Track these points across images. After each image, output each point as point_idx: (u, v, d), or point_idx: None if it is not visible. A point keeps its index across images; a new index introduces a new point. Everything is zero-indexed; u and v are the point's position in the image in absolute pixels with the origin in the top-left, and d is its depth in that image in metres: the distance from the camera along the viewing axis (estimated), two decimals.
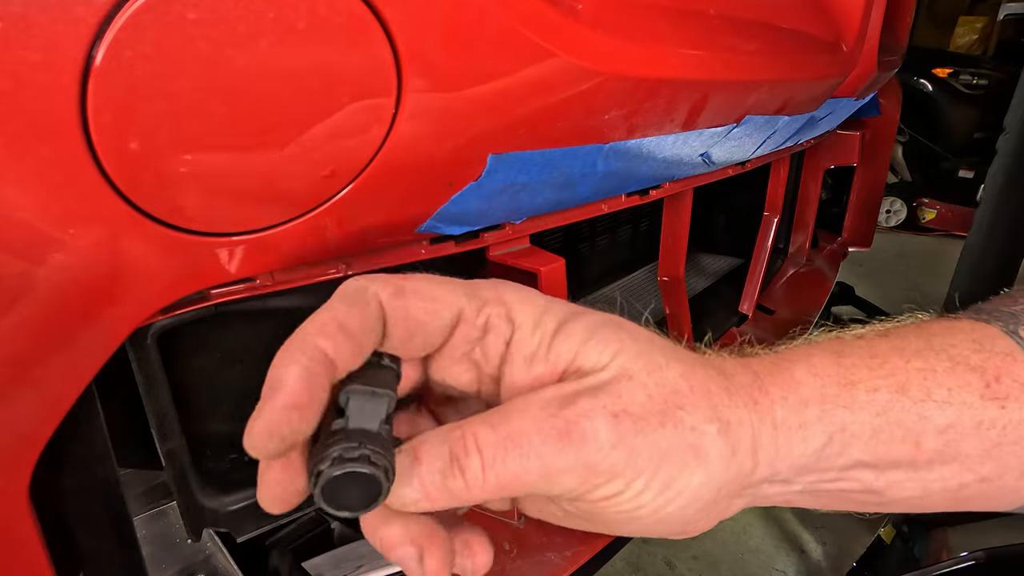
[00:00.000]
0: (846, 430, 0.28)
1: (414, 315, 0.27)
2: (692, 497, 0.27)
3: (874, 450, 0.29)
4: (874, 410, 0.29)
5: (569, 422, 0.25)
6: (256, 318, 0.56)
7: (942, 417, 0.28)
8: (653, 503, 0.26)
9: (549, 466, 0.25)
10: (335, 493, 0.24)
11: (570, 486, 0.26)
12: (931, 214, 3.83)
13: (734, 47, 0.58)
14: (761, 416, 0.28)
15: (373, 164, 0.35)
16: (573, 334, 0.28)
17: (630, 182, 0.64)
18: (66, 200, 0.27)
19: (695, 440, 0.26)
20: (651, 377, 0.27)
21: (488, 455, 0.25)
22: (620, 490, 0.26)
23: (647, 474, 0.26)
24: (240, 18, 0.27)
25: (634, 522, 0.27)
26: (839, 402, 0.29)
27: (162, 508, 0.61)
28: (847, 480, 0.30)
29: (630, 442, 0.25)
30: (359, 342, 0.25)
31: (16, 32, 0.23)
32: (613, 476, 0.25)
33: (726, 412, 0.28)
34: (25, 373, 0.30)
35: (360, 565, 0.61)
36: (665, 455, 0.26)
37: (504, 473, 0.25)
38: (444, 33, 0.33)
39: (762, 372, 0.30)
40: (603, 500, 0.26)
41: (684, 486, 0.26)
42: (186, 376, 0.55)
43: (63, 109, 0.25)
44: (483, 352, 0.29)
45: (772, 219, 1.22)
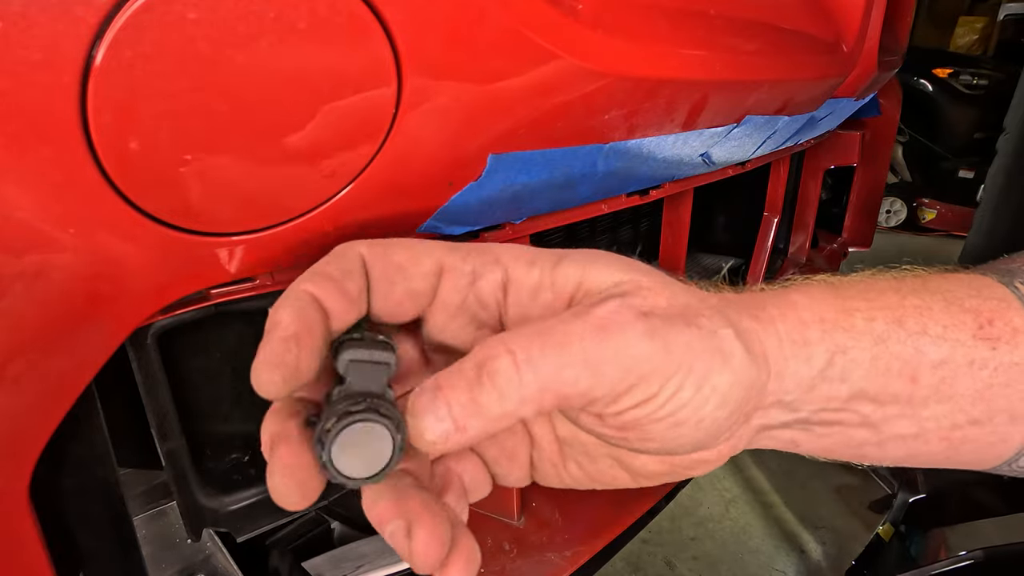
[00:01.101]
0: (846, 353, 0.29)
1: (395, 260, 0.28)
2: (724, 398, 0.27)
3: (874, 379, 0.29)
4: (872, 338, 0.29)
5: (603, 318, 0.25)
6: (256, 318, 0.56)
7: (936, 352, 0.29)
8: (691, 402, 0.26)
9: (591, 356, 0.24)
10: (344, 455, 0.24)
11: (612, 380, 0.24)
12: (931, 214, 3.83)
13: (734, 47, 0.58)
14: (764, 327, 0.29)
15: (373, 164, 0.35)
16: (576, 261, 0.28)
17: (630, 182, 0.64)
18: (66, 200, 0.27)
19: (718, 343, 0.27)
20: (664, 290, 0.27)
21: (522, 353, 0.24)
22: (658, 389, 0.25)
23: (682, 371, 0.25)
24: (240, 18, 0.27)
25: (675, 428, 0.26)
26: (838, 324, 0.29)
27: (162, 508, 0.61)
28: (847, 411, 0.30)
29: (663, 335, 0.25)
30: (341, 286, 0.26)
31: (16, 32, 0.23)
32: (652, 369, 0.25)
33: (735, 320, 0.28)
34: (25, 373, 0.30)
35: (360, 565, 0.61)
36: (696, 354, 0.26)
37: (543, 368, 0.24)
38: (444, 33, 0.33)
39: (760, 296, 0.31)
40: (643, 403, 0.26)
41: (717, 384, 0.26)
42: (186, 376, 0.55)
43: (63, 109, 0.25)
44: (478, 299, 0.29)
45: (772, 219, 1.22)
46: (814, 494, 1.69)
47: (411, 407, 0.24)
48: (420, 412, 0.24)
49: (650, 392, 0.25)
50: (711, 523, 1.61)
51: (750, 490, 1.72)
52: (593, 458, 0.32)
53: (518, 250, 0.29)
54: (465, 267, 0.29)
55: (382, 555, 0.62)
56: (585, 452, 0.32)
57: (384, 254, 0.28)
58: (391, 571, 0.61)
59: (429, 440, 0.24)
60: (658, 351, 0.25)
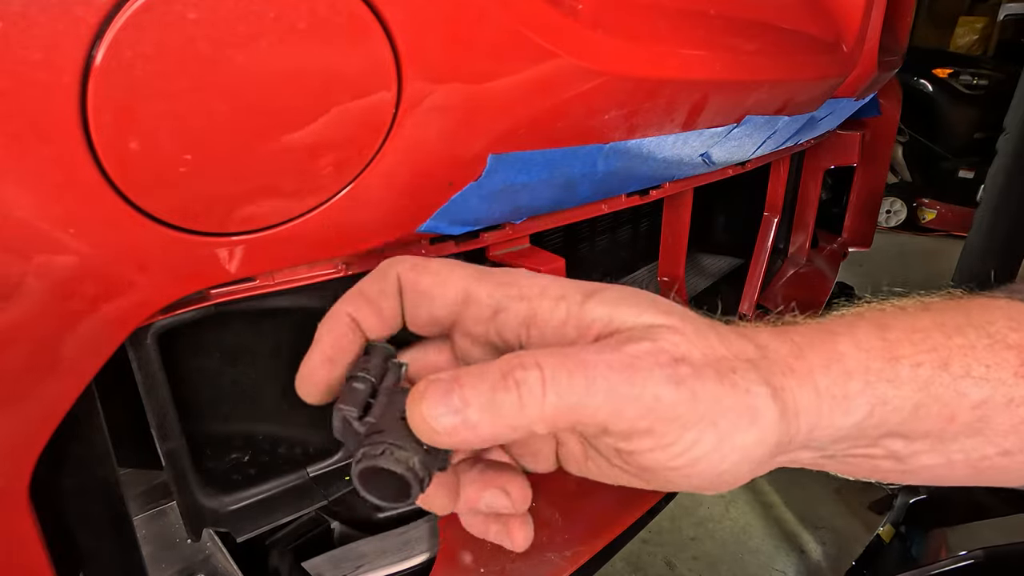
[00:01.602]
0: (888, 404, 0.28)
1: (422, 287, 0.29)
2: (745, 456, 0.26)
3: (911, 423, 0.29)
4: (916, 385, 0.28)
5: (633, 356, 0.25)
6: (256, 318, 0.56)
7: (978, 393, 0.28)
8: (709, 457, 0.26)
9: (616, 393, 0.24)
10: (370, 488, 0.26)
11: (630, 419, 0.24)
12: (931, 214, 3.83)
13: (734, 47, 0.58)
14: (800, 381, 0.28)
15: (373, 164, 0.35)
16: (606, 300, 0.27)
17: (630, 182, 0.64)
18: (66, 200, 0.27)
19: (751, 401, 0.26)
20: (699, 338, 0.27)
21: (549, 372, 0.24)
22: (675, 438, 0.25)
23: (704, 423, 0.25)
24: (240, 18, 0.27)
25: (690, 478, 0.26)
26: (883, 376, 0.28)
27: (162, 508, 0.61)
28: (877, 447, 0.30)
29: (691, 385, 0.25)
30: (377, 306, 0.29)
31: (16, 32, 0.23)
32: (673, 417, 0.25)
33: (771, 377, 0.27)
34: (25, 373, 0.30)
35: (360, 565, 0.61)
36: (724, 410, 0.25)
37: (568, 394, 0.24)
38: (444, 33, 0.33)
39: (802, 342, 0.30)
40: (659, 448, 0.25)
41: (740, 443, 0.26)
42: (186, 376, 0.55)
43: (63, 109, 0.25)
44: (499, 333, 0.29)
45: (772, 219, 1.22)
46: (814, 494, 1.69)
47: (421, 392, 0.24)
48: (431, 400, 0.24)
49: (667, 439, 0.25)
50: (711, 523, 1.61)
51: (750, 490, 1.72)
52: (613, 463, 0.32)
53: (546, 283, 0.29)
54: (488, 301, 0.29)
55: (382, 555, 0.62)
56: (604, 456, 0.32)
57: (415, 278, 0.29)
58: (391, 571, 0.61)
59: (436, 431, 0.24)
60: (683, 400, 0.25)
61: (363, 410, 0.28)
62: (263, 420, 0.62)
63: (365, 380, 0.28)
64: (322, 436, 0.62)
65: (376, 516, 0.66)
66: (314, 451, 0.62)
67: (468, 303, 0.29)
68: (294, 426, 0.63)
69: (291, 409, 0.62)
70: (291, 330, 0.58)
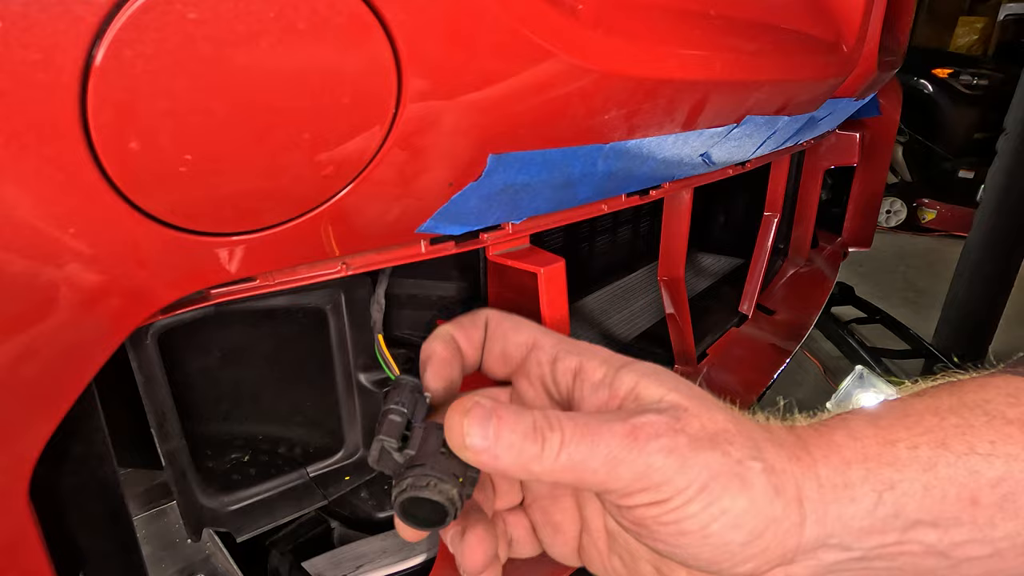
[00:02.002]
0: (895, 488, 0.29)
1: (504, 328, 0.36)
2: (736, 521, 0.28)
3: (930, 508, 0.28)
4: (919, 467, 0.29)
5: (635, 427, 0.29)
6: (256, 318, 0.56)
7: (992, 470, 0.28)
8: (697, 516, 0.28)
9: (614, 457, 0.28)
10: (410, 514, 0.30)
11: (626, 480, 0.28)
12: (931, 214, 3.83)
13: (734, 47, 0.58)
14: (804, 471, 0.29)
15: (373, 164, 0.35)
16: (636, 370, 0.32)
17: (630, 182, 0.64)
18: (66, 200, 0.27)
19: (741, 471, 0.28)
20: (704, 414, 0.30)
21: (568, 435, 0.28)
22: (668, 496, 0.28)
23: (695, 487, 0.28)
24: (240, 18, 0.27)
25: (680, 537, 0.29)
26: (882, 460, 0.29)
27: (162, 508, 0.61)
28: (909, 543, 0.29)
29: (683, 453, 0.28)
30: (469, 333, 0.36)
31: (16, 32, 0.23)
32: (664, 480, 0.28)
33: (770, 457, 0.29)
34: (25, 373, 0.30)
35: (360, 565, 0.61)
36: (713, 475, 0.28)
37: (576, 455, 0.28)
38: (444, 33, 0.33)
39: (804, 435, 0.31)
40: (652, 505, 0.28)
41: (728, 506, 0.28)
42: (186, 376, 0.55)
43: (63, 109, 0.25)
44: (554, 378, 0.35)
45: (772, 219, 1.22)
46: None
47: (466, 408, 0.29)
48: (471, 420, 0.28)
49: (660, 497, 0.28)
50: None
51: None
52: (635, 559, 0.35)
53: (597, 349, 0.35)
54: (551, 349, 0.35)
55: (382, 555, 0.62)
56: (628, 551, 0.35)
57: (499, 321, 0.37)
58: (391, 571, 0.61)
59: (466, 446, 0.28)
60: (671, 466, 0.28)
61: (402, 441, 0.31)
62: (263, 420, 0.62)
63: (400, 413, 0.32)
64: (322, 436, 0.63)
65: (376, 516, 0.66)
66: (314, 451, 0.62)
67: (535, 348, 0.36)
68: (294, 426, 0.63)
69: (291, 409, 0.62)
70: (291, 330, 0.58)
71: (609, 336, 1.11)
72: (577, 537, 0.38)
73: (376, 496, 0.67)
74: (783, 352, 1.19)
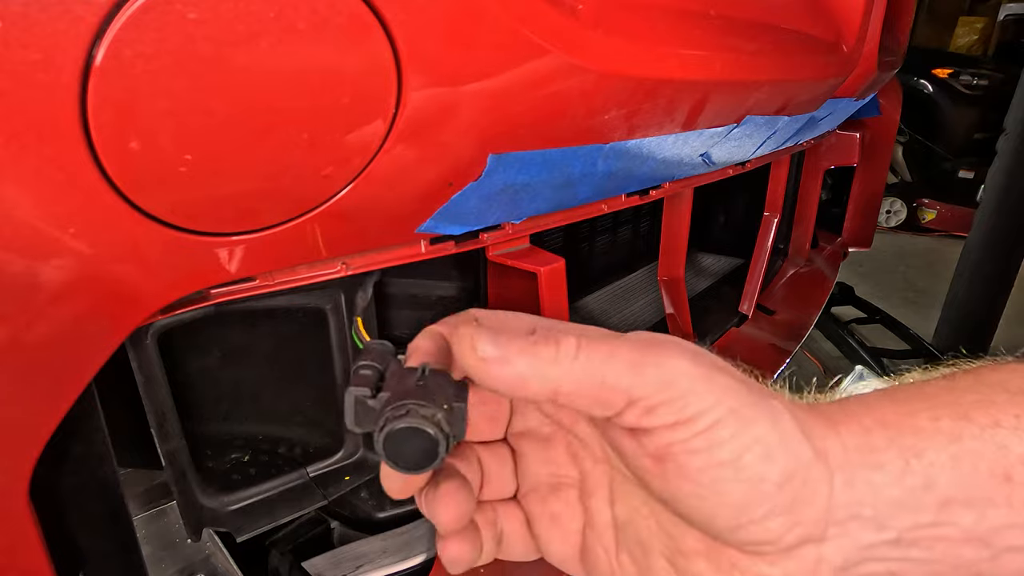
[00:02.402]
0: (921, 456, 0.27)
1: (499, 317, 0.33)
2: (768, 452, 0.26)
3: (960, 483, 0.26)
4: (944, 438, 0.27)
5: (658, 341, 0.27)
6: (256, 318, 0.56)
7: (1021, 445, 0.26)
8: (730, 444, 0.25)
9: (636, 360, 0.26)
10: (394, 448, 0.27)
11: (653, 384, 0.26)
12: (931, 215, 3.83)
13: (734, 47, 0.58)
14: (824, 431, 0.27)
15: (373, 164, 0.35)
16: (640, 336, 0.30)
17: (630, 182, 0.64)
18: (66, 200, 0.27)
19: (769, 404, 0.27)
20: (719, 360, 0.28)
21: (585, 341, 0.27)
22: (695, 414, 0.25)
23: (723, 408, 0.26)
24: (240, 18, 0.27)
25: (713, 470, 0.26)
26: (903, 429, 0.27)
27: (162, 508, 0.61)
28: (945, 525, 0.27)
29: (707, 371, 0.26)
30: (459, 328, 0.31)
31: (16, 32, 0.23)
32: (690, 390, 0.26)
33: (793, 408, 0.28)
34: (25, 373, 0.30)
35: (360, 565, 0.61)
36: (742, 402, 0.26)
37: (595, 356, 0.26)
38: (444, 33, 0.33)
39: (817, 405, 0.29)
40: (678, 425, 0.26)
41: (760, 436, 0.26)
42: (186, 376, 0.55)
43: (63, 109, 0.25)
44: None
45: (772, 219, 1.22)
46: None
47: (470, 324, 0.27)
48: (480, 336, 0.27)
49: (686, 413, 0.26)
50: None
51: None
52: (647, 552, 0.32)
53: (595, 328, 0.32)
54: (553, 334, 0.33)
55: (382, 555, 0.62)
56: (639, 543, 0.32)
57: (492, 314, 0.33)
58: (391, 571, 0.61)
59: (477, 354, 0.26)
60: (700, 377, 0.26)
61: (374, 390, 0.29)
62: (263, 420, 0.62)
63: (371, 367, 0.30)
64: (322, 436, 0.63)
65: (376, 516, 0.66)
66: (314, 451, 0.62)
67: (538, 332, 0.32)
68: (294, 426, 0.63)
69: (291, 409, 0.62)
70: (291, 330, 0.58)
71: None
72: (579, 533, 0.34)
73: (376, 496, 0.66)
74: (783, 352, 1.19)
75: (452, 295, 0.65)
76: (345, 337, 0.59)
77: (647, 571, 0.32)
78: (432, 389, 0.28)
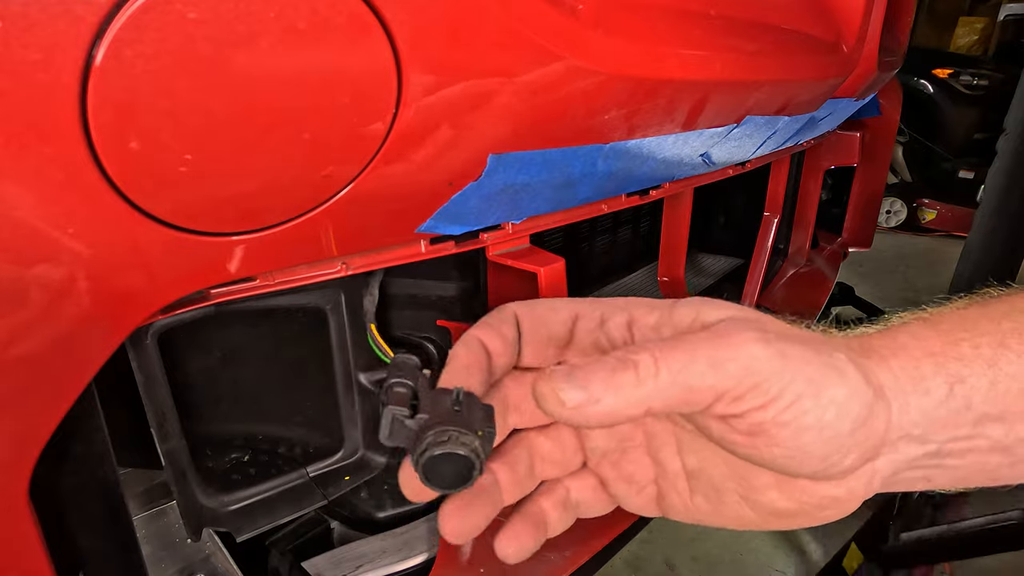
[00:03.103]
0: (964, 382, 0.30)
1: (538, 314, 0.34)
2: (842, 409, 0.28)
3: (995, 401, 0.30)
4: (983, 363, 0.30)
5: (722, 330, 0.29)
6: (256, 318, 0.56)
7: None
8: (813, 410, 0.28)
9: (715, 358, 0.28)
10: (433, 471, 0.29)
11: (736, 377, 0.28)
12: (931, 215, 3.83)
13: (735, 48, 0.58)
14: (876, 364, 0.31)
15: (373, 164, 0.35)
16: (690, 303, 0.32)
17: (630, 182, 0.64)
18: (66, 200, 0.27)
19: (832, 361, 0.29)
20: (773, 320, 0.31)
21: (659, 353, 0.28)
22: (778, 392, 0.28)
23: (800, 379, 0.28)
24: (240, 18, 0.27)
25: (800, 435, 0.28)
26: (948, 356, 0.31)
27: (162, 508, 0.61)
28: (978, 438, 0.31)
29: (778, 346, 0.28)
30: (499, 331, 0.33)
31: (16, 32, 0.23)
32: (771, 373, 0.28)
33: (846, 351, 0.30)
34: (25, 373, 0.30)
35: (360, 565, 0.61)
36: (813, 367, 0.28)
37: (675, 366, 0.27)
38: (444, 33, 0.33)
39: (866, 339, 0.33)
40: (765, 406, 0.28)
41: (835, 396, 0.28)
42: (186, 376, 0.55)
43: (63, 109, 0.25)
44: (608, 338, 0.34)
45: (772, 219, 1.22)
46: None
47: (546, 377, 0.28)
48: (558, 381, 0.27)
49: (771, 394, 0.28)
50: None
51: None
52: (720, 492, 0.34)
53: (639, 299, 0.34)
54: (595, 313, 0.34)
55: (382, 555, 0.62)
56: (712, 485, 0.35)
57: (530, 308, 0.34)
58: (391, 571, 0.61)
59: (567, 405, 0.27)
60: (774, 356, 0.28)
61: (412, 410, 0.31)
62: (263, 420, 0.62)
63: (405, 385, 0.32)
64: (322, 436, 0.63)
65: (376, 516, 0.66)
66: (314, 451, 0.62)
67: (578, 319, 0.34)
68: (294, 426, 0.63)
69: (291, 409, 0.62)
70: (291, 330, 0.58)
71: None
72: (653, 484, 0.37)
73: (376, 496, 0.67)
74: None
75: (452, 295, 0.65)
76: (345, 337, 0.59)
77: (721, 507, 0.35)
78: (466, 415, 0.30)
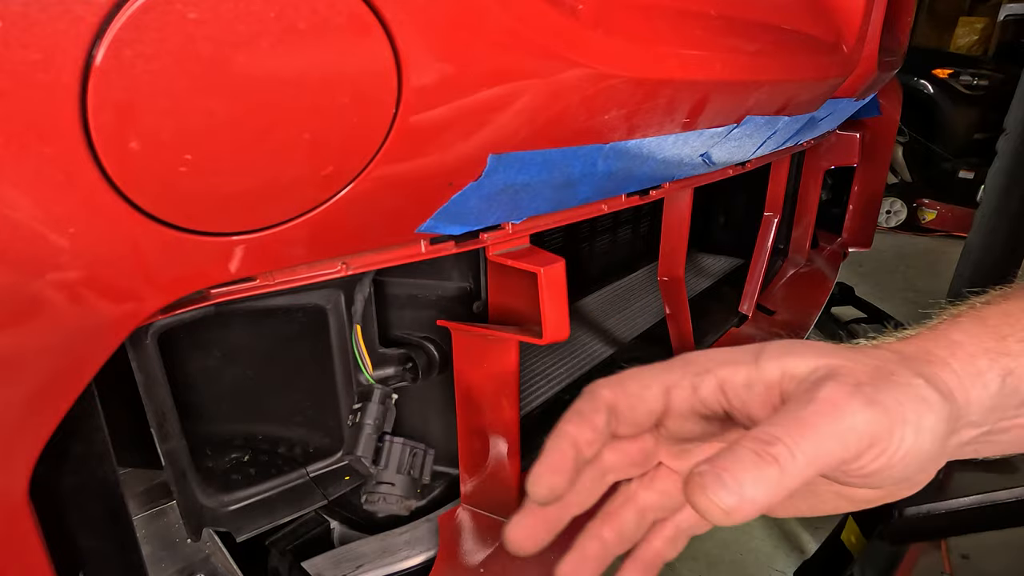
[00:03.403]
0: (1013, 373, 0.34)
1: (631, 391, 0.36)
2: (935, 436, 0.32)
3: None
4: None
5: (830, 400, 0.31)
6: (256, 318, 0.56)
7: None
8: (914, 447, 0.31)
9: (836, 432, 0.30)
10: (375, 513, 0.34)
11: (856, 446, 0.30)
12: (931, 215, 3.83)
13: (735, 48, 0.58)
14: (939, 369, 0.34)
15: (373, 164, 0.35)
16: (772, 356, 0.34)
17: (630, 182, 0.64)
18: (66, 200, 0.27)
19: (915, 391, 0.32)
20: (853, 364, 0.33)
21: (789, 439, 0.30)
22: (888, 442, 0.30)
23: (899, 424, 0.31)
24: (240, 18, 0.27)
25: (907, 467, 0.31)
26: (1000, 351, 0.35)
27: (162, 508, 0.61)
28: (1021, 417, 0.35)
29: (874, 398, 0.31)
30: (591, 422, 0.35)
31: (16, 32, 0.23)
32: (881, 431, 0.30)
33: (919, 369, 0.33)
34: (25, 373, 0.30)
35: (359, 565, 0.61)
36: (907, 407, 0.31)
37: (808, 449, 0.29)
38: (444, 33, 0.33)
39: (922, 343, 0.36)
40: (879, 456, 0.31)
41: (927, 426, 0.31)
42: (186, 376, 0.55)
43: (63, 109, 0.25)
44: (703, 403, 0.36)
45: (772, 219, 1.22)
46: None
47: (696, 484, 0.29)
48: (710, 488, 0.29)
49: (883, 448, 0.31)
50: None
51: None
52: (817, 493, 0.38)
53: (721, 356, 0.36)
54: (685, 383, 0.36)
55: (382, 555, 0.62)
56: (811, 491, 0.38)
57: (622, 388, 0.36)
58: (391, 571, 0.61)
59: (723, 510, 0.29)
60: (879, 415, 0.31)
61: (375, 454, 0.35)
62: (263, 420, 0.62)
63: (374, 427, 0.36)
64: (322, 436, 0.63)
65: (376, 516, 0.66)
66: (314, 451, 0.62)
67: (671, 390, 0.36)
68: (294, 426, 0.63)
69: (291, 409, 0.62)
70: (291, 330, 0.58)
71: (609, 336, 1.11)
72: None
73: None
74: None
75: (452, 295, 0.65)
76: (345, 337, 0.59)
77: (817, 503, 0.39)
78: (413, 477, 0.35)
